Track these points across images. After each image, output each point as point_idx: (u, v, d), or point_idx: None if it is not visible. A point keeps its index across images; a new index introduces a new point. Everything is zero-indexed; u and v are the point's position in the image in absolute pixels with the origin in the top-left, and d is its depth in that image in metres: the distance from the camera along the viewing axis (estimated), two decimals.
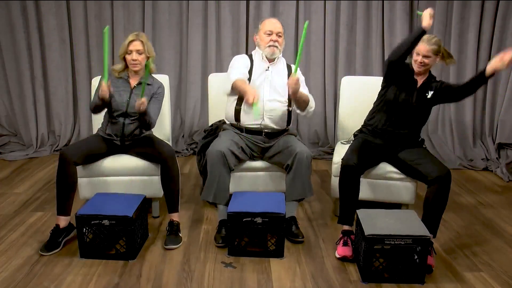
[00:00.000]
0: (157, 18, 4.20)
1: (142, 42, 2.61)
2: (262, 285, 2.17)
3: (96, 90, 2.60)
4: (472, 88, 2.45)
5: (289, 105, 2.79)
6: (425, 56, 2.48)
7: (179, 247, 2.52)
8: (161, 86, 2.77)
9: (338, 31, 4.20)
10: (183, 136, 4.42)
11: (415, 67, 2.54)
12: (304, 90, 2.76)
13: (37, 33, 4.18)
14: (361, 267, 2.24)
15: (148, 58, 2.66)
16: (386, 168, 2.68)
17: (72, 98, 4.38)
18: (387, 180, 2.71)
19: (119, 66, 2.70)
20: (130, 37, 2.60)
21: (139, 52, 2.61)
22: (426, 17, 2.33)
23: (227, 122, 2.88)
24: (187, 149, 4.32)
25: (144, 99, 2.46)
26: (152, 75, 2.78)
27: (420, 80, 2.59)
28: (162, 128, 3.11)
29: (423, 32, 2.36)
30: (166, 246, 2.49)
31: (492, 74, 2.34)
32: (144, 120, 2.59)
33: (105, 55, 2.32)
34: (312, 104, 2.81)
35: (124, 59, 2.66)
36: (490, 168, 3.93)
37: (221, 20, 4.20)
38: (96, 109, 2.64)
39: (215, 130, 2.93)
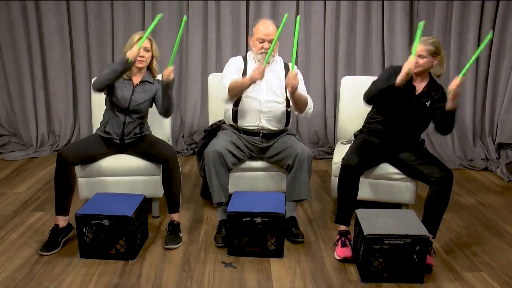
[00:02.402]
0: None
1: (150, 40, 2.64)
2: (262, 285, 2.17)
3: (110, 66, 2.54)
4: (443, 126, 2.45)
5: (288, 105, 2.79)
6: (420, 56, 2.41)
7: (179, 247, 2.52)
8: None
9: (338, 31, 4.19)
10: (183, 136, 4.42)
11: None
12: (302, 91, 2.75)
13: (37, 33, 4.18)
14: (360, 267, 2.24)
15: (153, 57, 2.69)
16: (386, 168, 2.68)
17: (72, 98, 4.38)
18: (387, 180, 2.71)
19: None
20: (138, 35, 2.61)
21: (146, 49, 2.62)
22: (403, 74, 2.29)
23: (226, 122, 2.89)
24: (187, 149, 4.32)
25: (171, 68, 2.50)
26: (156, 76, 2.78)
27: (419, 87, 2.51)
28: (162, 128, 3.11)
29: (393, 87, 2.33)
30: (166, 246, 2.49)
31: (454, 108, 2.33)
32: (169, 97, 2.61)
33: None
34: (310, 105, 2.79)
35: None
36: (490, 168, 3.93)
37: (221, 20, 4.20)
38: (104, 82, 2.52)
39: (215, 130, 2.93)
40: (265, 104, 2.72)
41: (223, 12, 4.17)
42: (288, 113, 2.81)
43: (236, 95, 2.68)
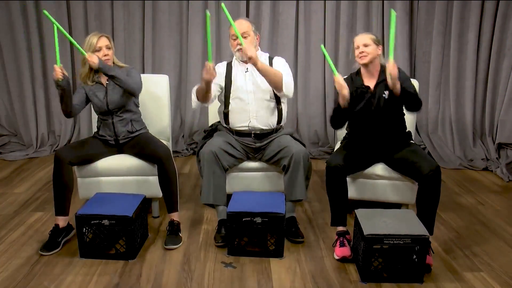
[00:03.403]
0: (157, 18, 4.20)
1: (107, 37, 2.64)
2: (262, 285, 2.17)
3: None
4: (408, 108, 2.46)
5: (278, 102, 2.77)
6: (365, 45, 2.46)
7: (179, 247, 2.52)
8: (129, 70, 2.71)
9: (338, 31, 4.19)
10: (183, 136, 4.42)
11: (359, 61, 2.49)
12: (282, 73, 2.64)
13: (37, 33, 4.19)
14: (360, 267, 2.24)
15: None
16: (385, 168, 2.68)
17: None
18: (386, 180, 2.71)
19: (85, 70, 2.67)
20: (95, 35, 2.61)
21: (107, 47, 2.63)
22: (340, 97, 2.38)
23: (221, 124, 2.89)
24: (187, 149, 4.32)
25: (89, 55, 2.47)
26: (119, 65, 2.75)
27: (371, 83, 2.53)
28: (162, 128, 3.11)
29: (341, 108, 2.42)
30: (166, 246, 2.49)
31: (399, 91, 2.33)
32: (114, 78, 2.55)
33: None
34: (287, 81, 2.62)
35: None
36: (490, 168, 3.93)
37: (221, 20, 4.20)
38: (63, 106, 2.62)
39: (215, 130, 2.93)
40: (253, 103, 2.72)
41: (223, 12, 4.16)
42: (279, 111, 2.79)
43: (203, 97, 2.65)
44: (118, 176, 2.76)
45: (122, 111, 2.71)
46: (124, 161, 2.74)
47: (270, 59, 2.83)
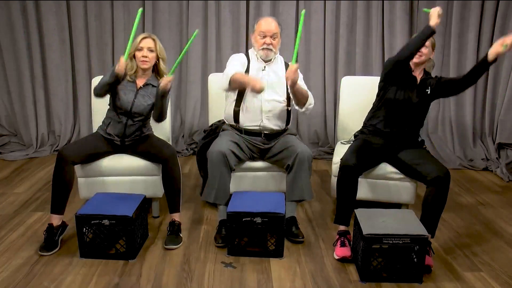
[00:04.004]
0: (157, 18, 4.20)
1: (153, 40, 2.63)
2: (262, 285, 2.17)
3: (109, 72, 2.53)
4: (474, 77, 2.48)
5: (288, 104, 2.79)
6: (424, 46, 2.51)
7: (179, 247, 2.52)
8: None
9: (338, 31, 4.20)
10: (183, 136, 4.42)
11: (414, 59, 2.54)
12: (302, 85, 2.74)
13: (37, 33, 4.19)
14: (359, 266, 2.25)
15: (158, 58, 2.66)
16: (386, 168, 2.68)
17: (72, 98, 4.39)
18: (387, 180, 2.71)
19: (132, 66, 2.65)
20: (142, 35, 2.62)
21: (150, 49, 2.61)
22: (434, 16, 2.36)
23: (227, 123, 2.88)
24: (187, 149, 4.32)
25: (171, 77, 2.50)
26: (162, 76, 2.74)
27: (418, 77, 2.61)
28: (162, 128, 3.11)
29: (432, 32, 2.38)
30: (166, 246, 2.49)
31: (495, 60, 2.36)
32: (163, 104, 2.61)
33: (132, 33, 2.43)
34: (311, 100, 2.77)
35: (134, 57, 2.64)
36: (490, 168, 3.93)
37: (221, 20, 4.20)
38: (102, 89, 2.55)
39: (215, 130, 2.93)
40: (266, 103, 2.72)
41: (223, 12, 4.17)
42: (288, 112, 2.80)
43: (233, 89, 2.66)
44: (118, 176, 2.76)
45: (140, 118, 2.70)
46: (125, 160, 2.74)
47: (286, 64, 2.84)
